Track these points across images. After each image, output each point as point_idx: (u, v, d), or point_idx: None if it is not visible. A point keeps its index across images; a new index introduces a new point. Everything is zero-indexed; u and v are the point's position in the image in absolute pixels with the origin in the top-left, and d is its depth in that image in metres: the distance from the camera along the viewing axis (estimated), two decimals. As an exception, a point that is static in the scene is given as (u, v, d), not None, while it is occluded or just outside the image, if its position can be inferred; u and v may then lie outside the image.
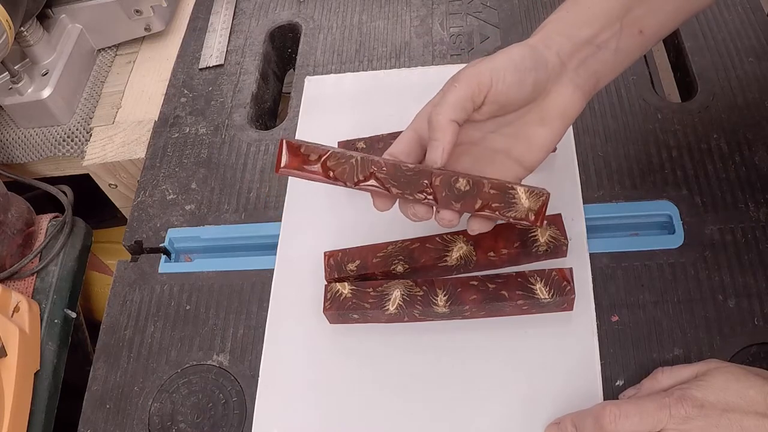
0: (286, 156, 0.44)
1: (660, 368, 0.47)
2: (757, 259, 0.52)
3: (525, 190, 0.44)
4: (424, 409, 0.50)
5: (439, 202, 0.44)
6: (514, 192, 0.44)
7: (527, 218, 0.44)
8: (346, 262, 0.54)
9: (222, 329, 0.57)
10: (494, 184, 0.44)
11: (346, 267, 0.54)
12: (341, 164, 0.44)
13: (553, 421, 0.47)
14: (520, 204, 0.44)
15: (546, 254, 0.52)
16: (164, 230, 0.64)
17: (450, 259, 0.52)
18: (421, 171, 0.44)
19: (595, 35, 0.45)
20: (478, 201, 0.44)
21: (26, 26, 0.73)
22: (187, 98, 0.74)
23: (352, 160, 0.44)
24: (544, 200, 0.44)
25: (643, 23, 0.46)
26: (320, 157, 0.44)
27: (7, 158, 0.78)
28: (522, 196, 0.44)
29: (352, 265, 0.54)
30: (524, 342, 0.51)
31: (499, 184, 0.44)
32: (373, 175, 0.44)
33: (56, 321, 0.65)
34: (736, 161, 0.57)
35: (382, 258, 0.53)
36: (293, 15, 0.79)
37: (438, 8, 0.75)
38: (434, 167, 0.43)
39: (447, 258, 0.52)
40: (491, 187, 0.44)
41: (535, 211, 0.44)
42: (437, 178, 0.43)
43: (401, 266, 0.52)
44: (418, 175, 0.44)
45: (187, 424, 0.53)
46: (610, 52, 0.46)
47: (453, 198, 0.44)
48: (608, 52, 0.46)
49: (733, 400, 0.41)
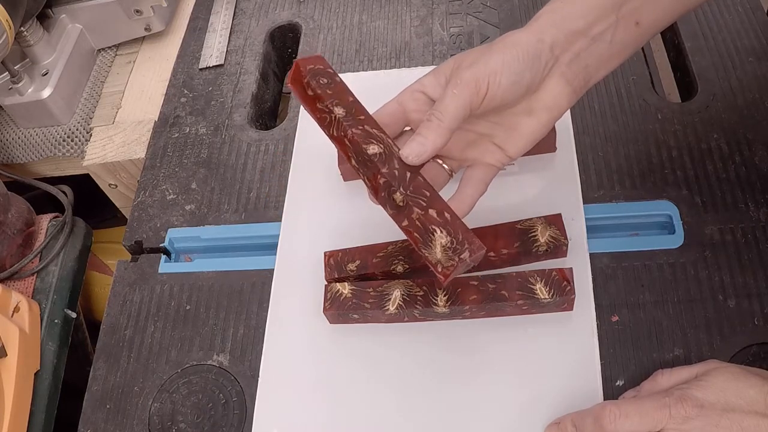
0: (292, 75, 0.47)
1: (659, 370, 0.47)
2: (757, 259, 0.52)
3: (445, 242, 0.42)
4: (424, 409, 0.50)
5: (377, 198, 0.45)
6: (433, 236, 0.42)
7: (435, 266, 0.42)
8: (346, 262, 0.54)
9: (222, 329, 0.57)
10: (422, 217, 0.42)
11: (346, 267, 0.54)
12: (324, 113, 0.46)
13: (553, 421, 0.47)
14: (434, 249, 0.42)
15: (546, 254, 0.52)
16: (164, 230, 0.64)
17: None
18: (376, 163, 0.44)
19: (589, 27, 0.45)
20: (405, 220, 0.43)
21: (26, 26, 0.73)
22: (187, 98, 0.74)
23: (333, 115, 0.46)
24: (455, 265, 0.41)
25: (640, 15, 0.45)
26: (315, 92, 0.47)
27: (7, 158, 0.78)
28: (438, 245, 0.42)
29: (352, 265, 0.54)
30: (524, 342, 0.51)
31: (427, 219, 0.42)
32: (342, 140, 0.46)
33: (56, 321, 0.65)
34: (736, 161, 0.57)
35: (382, 258, 0.53)
36: (293, 15, 0.79)
37: (438, 8, 0.75)
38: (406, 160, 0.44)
39: None
40: (420, 217, 0.42)
41: (443, 265, 0.42)
42: (383, 178, 0.44)
43: (401, 266, 0.52)
44: (373, 162, 0.45)
45: (187, 424, 0.53)
46: (605, 45, 0.45)
47: (388, 203, 0.44)
48: (603, 45, 0.45)
49: (733, 400, 0.41)
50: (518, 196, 0.57)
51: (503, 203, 0.57)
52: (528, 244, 0.52)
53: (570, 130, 0.60)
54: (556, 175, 0.58)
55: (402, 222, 0.44)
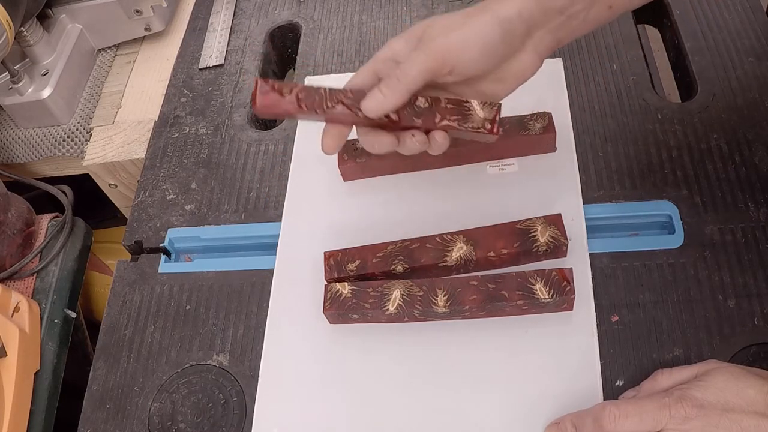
0: (261, 95, 0.47)
1: (659, 370, 0.47)
2: (757, 259, 0.52)
3: (479, 102, 0.49)
4: (424, 409, 0.50)
5: (402, 119, 0.48)
6: (468, 105, 0.49)
7: (484, 126, 0.48)
8: (346, 262, 0.54)
9: (222, 329, 0.57)
10: (450, 99, 0.49)
11: (346, 267, 0.54)
12: (311, 96, 0.47)
13: (552, 421, 0.47)
14: (475, 114, 0.48)
15: (546, 254, 0.52)
16: (164, 230, 0.64)
17: (450, 259, 0.52)
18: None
19: (567, 6, 0.46)
20: (437, 115, 0.48)
21: (26, 26, 0.73)
22: (187, 98, 0.74)
23: (321, 91, 0.47)
24: (497, 109, 0.49)
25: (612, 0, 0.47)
26: (292, 90, 0.47)
27: (7, 158, 0.78)
28: (476, 107, 0.49)
29: (352, 265, 0.54)
30: (524, 342, 0.51)
31: (455, 99, 0.49)
32: (341, 102, 0.47)
33: (56, 321, 0.65)
34: (736, 161, 0.57)
35: (382, 258, 0.53)
36: (293, 15, 0.79)
37: (438, 8, 0.75)
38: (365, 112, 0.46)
39: (447, 258, 0.52)
40: (448, 102, 0.48)
41: (489, 120, 0.49)
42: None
43: (401, 266, 0.52)
44: None
45: (187, 424, 0.53)
46: (579, 22, 0.47)
47: (414, 114, 0.48)
48: (576, 22, 0.47)
49: (733, 400, 0.40)
50: (518, 196, 0.57)
51: (503, 203, 0.57)
52: (528, 244, 0.52)
53: (570, 130, 0.60)
54: (556, 175, 0.58)
55: (434, 119, 0.48)
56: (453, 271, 0.53)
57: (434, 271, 0.53)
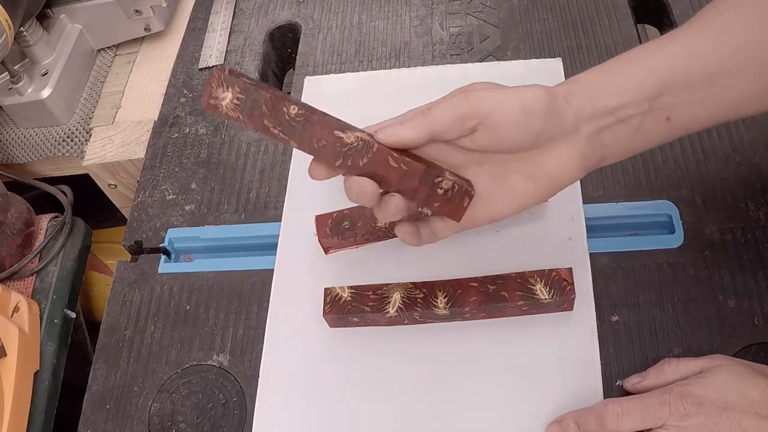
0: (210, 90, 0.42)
1: (667, 359, 0.46)
2: (757, 259, 0.52)
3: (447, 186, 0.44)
4: (425, 410, 0.50)
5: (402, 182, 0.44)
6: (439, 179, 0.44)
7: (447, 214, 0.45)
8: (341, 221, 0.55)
9: (222, 329, 0.57)
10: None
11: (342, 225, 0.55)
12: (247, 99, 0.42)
13: (554, 419, 0.47)
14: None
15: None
16: (164, 230, 0.64)
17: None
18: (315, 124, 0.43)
19: (619, 107, 0.42)
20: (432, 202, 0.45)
21: (26, 26, 0.73)
22: (186, 98, 0.74)
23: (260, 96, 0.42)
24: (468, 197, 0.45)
25: (672, 111, 0.42)
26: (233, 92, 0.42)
27: (7, 158, 0.78)
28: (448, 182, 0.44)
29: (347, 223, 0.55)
30: (524, 342, 0.51)
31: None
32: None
33: (56, 321, 0.65)
34: (736, 161, 0.57)
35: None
36: (293, 15, 0.79)
37: (438, 8, 0.75)
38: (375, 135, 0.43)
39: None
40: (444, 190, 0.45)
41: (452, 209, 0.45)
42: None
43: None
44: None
45: (187, 424, 0.53)
46: (630, 129, 0.43)
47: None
48: (627, 129, 0.43)
49: (734, 398, 0.41)
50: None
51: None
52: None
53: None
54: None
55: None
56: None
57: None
